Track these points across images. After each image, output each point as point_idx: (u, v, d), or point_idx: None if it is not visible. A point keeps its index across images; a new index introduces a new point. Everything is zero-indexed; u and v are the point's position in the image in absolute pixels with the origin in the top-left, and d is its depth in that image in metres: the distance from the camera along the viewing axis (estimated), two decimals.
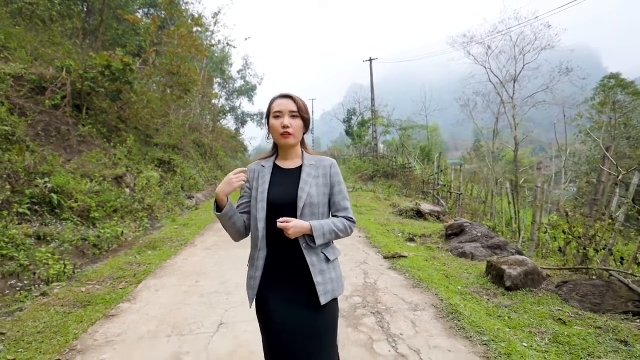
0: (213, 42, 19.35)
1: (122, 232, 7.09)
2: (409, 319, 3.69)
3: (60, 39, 12.86)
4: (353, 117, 33.93)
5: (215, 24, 18.45)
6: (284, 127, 1.73)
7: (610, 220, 4.60)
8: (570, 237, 4.97)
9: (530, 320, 3.67)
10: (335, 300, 1.80)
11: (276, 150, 1.90)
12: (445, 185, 13.25)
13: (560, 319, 3.67)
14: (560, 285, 4.38)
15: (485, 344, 3.12)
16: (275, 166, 1.86)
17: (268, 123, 1.81)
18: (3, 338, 3.27)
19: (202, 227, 8.14)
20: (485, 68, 29.66)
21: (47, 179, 7.11)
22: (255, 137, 41.30)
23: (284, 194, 1.76)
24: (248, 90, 37.10)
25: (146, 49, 14.58)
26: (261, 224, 1.73)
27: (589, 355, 3.01)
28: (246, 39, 22.81)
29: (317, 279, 1.72)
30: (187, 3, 19.92)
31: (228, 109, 35.86)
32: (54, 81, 10.07)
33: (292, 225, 1.62)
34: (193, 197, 12.66)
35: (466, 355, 2.99)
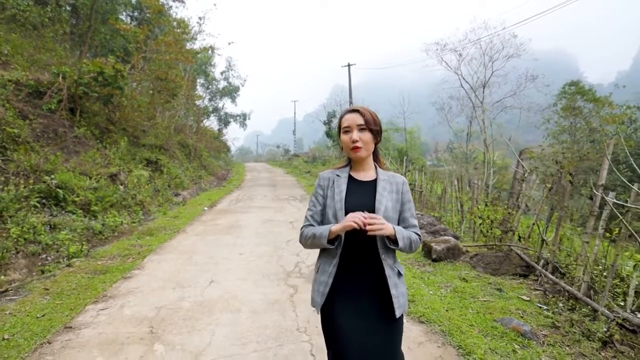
0: (198, 48, 20.34)
1: (122, 222, 8.17)
2: None
3: (52, 44, 13.70)
4: (333, 119, 35.20)
5: (200, 32, 19.49)
6: (353, 141, 1.80)
7: (505, 207, 5.95)
8: (482, 220, 6.32)
9: (442, 280, 4.97)
10: (402, 315, 1.83)
11: (350, 161, 1.96)
12: (410, 184, 14.60)
13: (464, 279, 4.98)
14: (472, 257, 5.71)
15: None
16: (350, 177, 1.90)
17: (339, 138, 1.90)
18: (48, 292, 4.40)
19: (191, 218, 9.26)
20: (457, 74, 31.36)
21: (52, 176, 8.11)
22: (237, 137, 42.17)
23: (361, 204, 1.77)
24: (231, 91, 38.03)
25: (134, 54, 15.52)
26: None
27: (472, 297, 4.31)
28: (229, 43, 23.84)
29: (393, 291, 1.76)
30: (170, 7, 20.80)
31: (211, 109, 36.71)
32: (51, 86, 10.98)
33: (382, 222, 1.64)
34: (180, 195, 13.68)
35: None
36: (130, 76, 14.60)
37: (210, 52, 21.21)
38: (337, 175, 1.90)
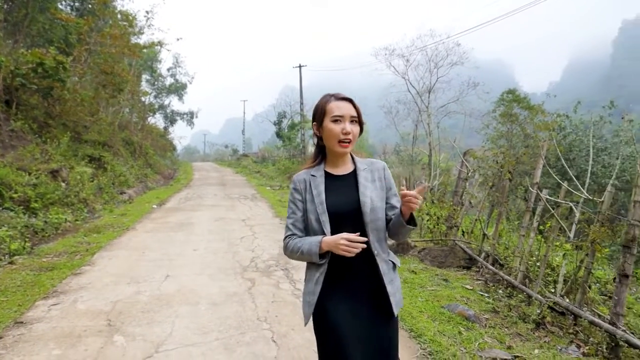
0: (145, 43, 19.63)
1: (65, 220, 7.81)
2: None
3: None
4: (283, 119, 35.25)
5: (148, 26, 18.81)
6: (346, 133, 1.61)
7: (451, 205, 6.37)
8: (429, 217, 6.71)
9: None
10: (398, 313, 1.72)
11: (322, 156, 1.78)
12: None
13: (413, 271, 5.28)
14: (420, 251, 6.05)
15: None
16: (326, 174, 1.74)
17: (320, 124, 1.68)
18: None
19: (139, 216, 9.00)
20: (404, 79, 32.47)
21: None
22: (184, 136, 41.09)
23: (343, 201, 1.66)
24: (178, 89, 37.06)
25: (76, 45, 14.76)
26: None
27: (421, 287, 4.60)
28: (178, 39, 23.23)
29: (389, 288, 1.64)
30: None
31: (157, 107, 35.52)
32: None
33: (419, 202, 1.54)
34: (125, 193, 13.20)
35: None
36: (73, 69, 13.88)
37: (159, 47, 20.54)
38: (312, 175, 1.72)
